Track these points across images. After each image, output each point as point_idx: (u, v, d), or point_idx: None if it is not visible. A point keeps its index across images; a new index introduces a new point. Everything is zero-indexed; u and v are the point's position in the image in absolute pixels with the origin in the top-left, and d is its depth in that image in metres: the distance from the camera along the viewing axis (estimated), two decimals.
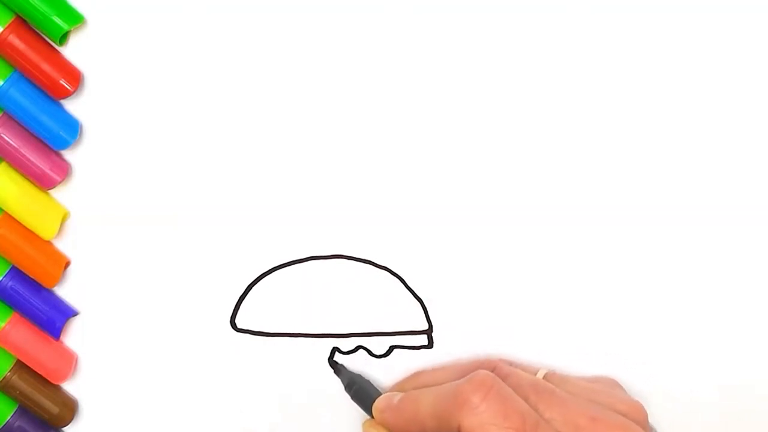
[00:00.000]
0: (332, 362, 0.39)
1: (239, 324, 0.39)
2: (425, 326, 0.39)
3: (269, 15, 0.37)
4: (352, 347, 0.39)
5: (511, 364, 0.37)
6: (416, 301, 0.39)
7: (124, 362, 0.40)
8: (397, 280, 0.39)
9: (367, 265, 0.39)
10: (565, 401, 0.33)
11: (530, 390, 0.33)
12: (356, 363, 0.39)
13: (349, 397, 0.38)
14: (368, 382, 0.38)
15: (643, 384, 0.38)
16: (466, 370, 0.34)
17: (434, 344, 0.39)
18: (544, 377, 0.36)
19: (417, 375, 0.38)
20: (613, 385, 0.37)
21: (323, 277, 0.39)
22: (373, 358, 0.39)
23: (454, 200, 0.38)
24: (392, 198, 0.38)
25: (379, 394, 0.37)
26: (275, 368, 0.39)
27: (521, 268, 0.38)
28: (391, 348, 0.39)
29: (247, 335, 0.39)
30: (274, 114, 0.38)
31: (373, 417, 0.36)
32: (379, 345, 0.39)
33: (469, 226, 0.38)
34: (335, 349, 0.39)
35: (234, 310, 0.39)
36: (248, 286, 0.39)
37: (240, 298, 0.39)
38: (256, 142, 0.38)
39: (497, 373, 0.34)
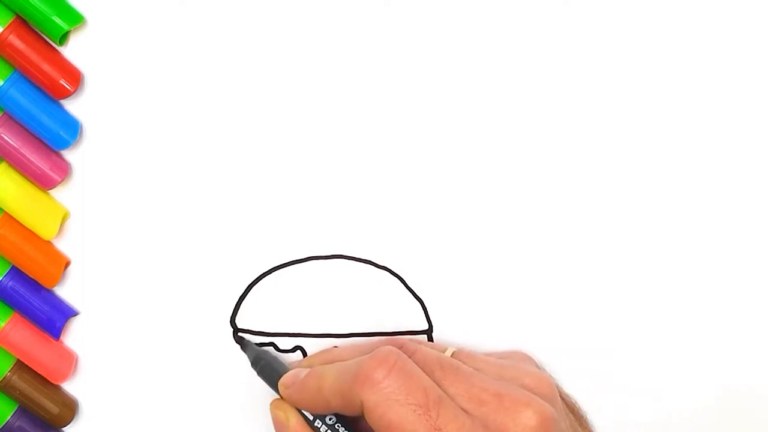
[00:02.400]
0: (237, 338, 0.39)
1: (239, 324, 0.39)
2: (425, 326, 0.39)
3: (269, 15, 0.37)
4: None
5: (420, 343, 0.35)
6: (416, 301, 0.39)
7: (124, 362, 0.40)
8: (397, 280, 0.39)
9: (367, 265, 0.39)
10: (469, 377, 0.32)
11: (435, 366, 0.32)
12: None
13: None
14: (275, 358, 0.37)
15: (643, 384, 0.38)
16: (373, 347, 0.33)
17: None
18: (453, 355, 0.35)
19: (326, 351, 0.37)
20: (523, 359, 0.37)
21: (323, 277, 0.39)
22: None
23: (454, 200, 0.38)
24: (392, 198, 0.38)
25: (287, 370, 0.36)
26: None
27: (521, 268, 0.38)
28: None
29: (247, 335, 0.39)
30: (274, 114, 0.38)
31: (280, 395, 0.35)
32: None
33: (468, 226, 0.38)
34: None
35: (234, 310, 0.39)
36: (248, 286, 0.39)
37: (240, 298, 0.39)
38: (256, 142, 0.38)
39: (404, 350, 0.33)
